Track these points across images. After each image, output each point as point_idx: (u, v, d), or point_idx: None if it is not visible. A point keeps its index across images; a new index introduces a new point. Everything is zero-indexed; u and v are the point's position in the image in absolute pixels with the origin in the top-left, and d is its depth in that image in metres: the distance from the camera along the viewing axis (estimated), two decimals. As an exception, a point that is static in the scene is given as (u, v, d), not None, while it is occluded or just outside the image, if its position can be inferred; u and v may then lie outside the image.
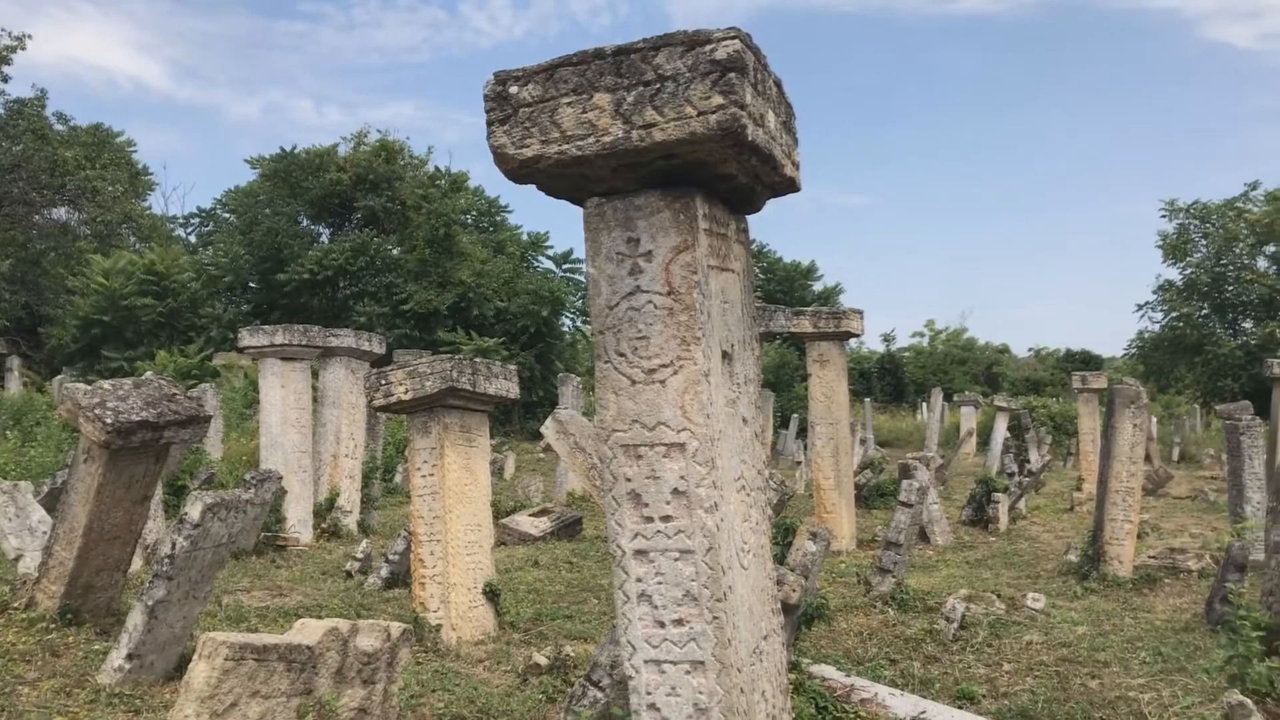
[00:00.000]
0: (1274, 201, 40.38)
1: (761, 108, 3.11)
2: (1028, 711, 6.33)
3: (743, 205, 3.60)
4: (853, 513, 12.75)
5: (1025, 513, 15.79)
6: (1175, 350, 40.27)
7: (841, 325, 12.48)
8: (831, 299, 48.33)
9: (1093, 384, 22.16)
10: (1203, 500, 18.72)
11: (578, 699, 4.81)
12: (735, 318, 3.46)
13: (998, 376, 51.21)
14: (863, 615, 8.68)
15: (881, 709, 6.32)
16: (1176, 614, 8.94)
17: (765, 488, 3.69)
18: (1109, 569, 10.36)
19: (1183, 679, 6.88)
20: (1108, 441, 10.73)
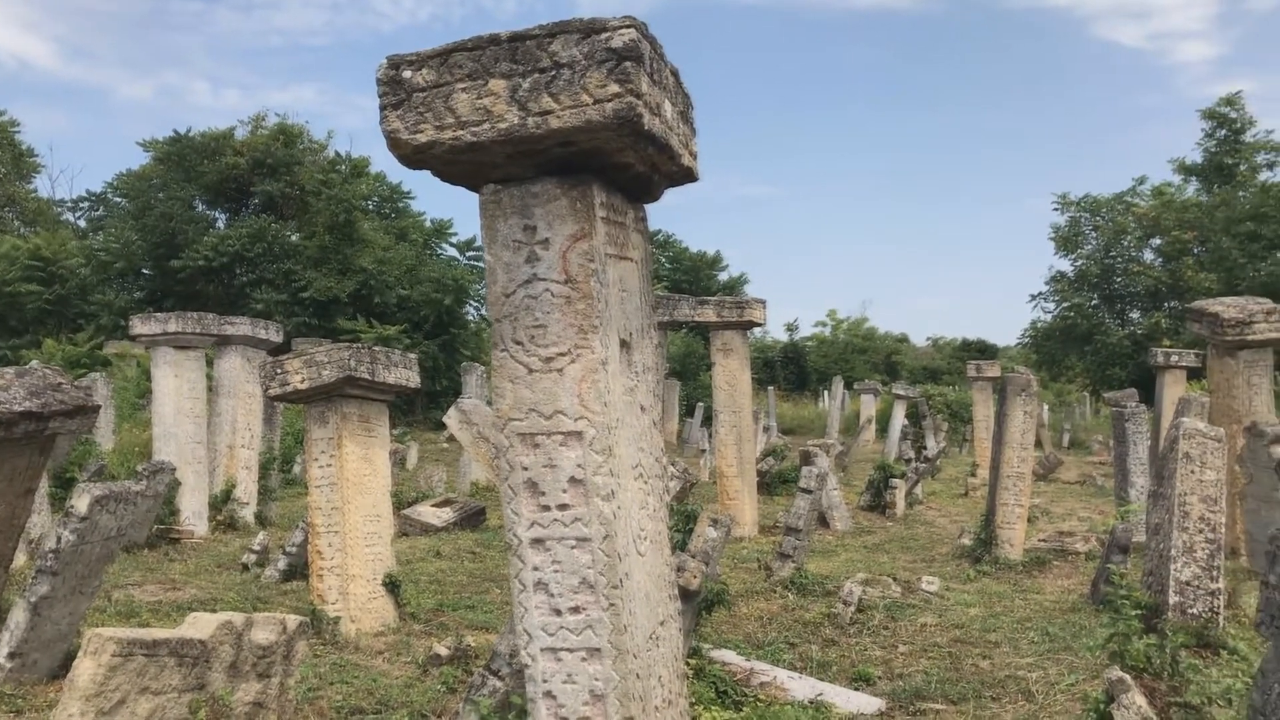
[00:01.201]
0: (1160, 196, 41.88)
1: (658, 97, 3.12)
2: (921, 692, 6.48)
3: (641, 194, 3.61)
4: (755, 499, 12.90)
5: (922, 498, 16.16)
6: (1066, 340, 41.53)
7: (745, 314, 12.60)
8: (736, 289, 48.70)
9: (987, 372, 22.78)
10: (1091, 485, 19.36)
11: (477, 688, 4.79)
12: (634, 306, 3.47)
13: (897, 365, 52.22)
14: (763, 600, 8.80)
15: (780, 691, 6.42)
16: (1064, 595, 9.23)
17: (664, 475, 3.71)
18: (1001, 552, 10.66)
19: (1069, 657, 7.13)
20: (1000, 428, 11.03)
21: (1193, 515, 7.57)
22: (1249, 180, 39.85)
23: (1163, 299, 38.63)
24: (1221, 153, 41.11)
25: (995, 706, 6.24)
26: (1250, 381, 10.98)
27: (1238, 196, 38.49)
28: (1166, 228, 38.86)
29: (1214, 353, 11.34)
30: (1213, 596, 7.42)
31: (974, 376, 23.36)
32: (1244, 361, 10.96)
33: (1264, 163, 40.79)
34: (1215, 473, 7.71)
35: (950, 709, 6.22)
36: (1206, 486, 7.66)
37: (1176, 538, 7.50)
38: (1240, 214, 37.06)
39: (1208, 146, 41.74)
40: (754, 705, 6.05)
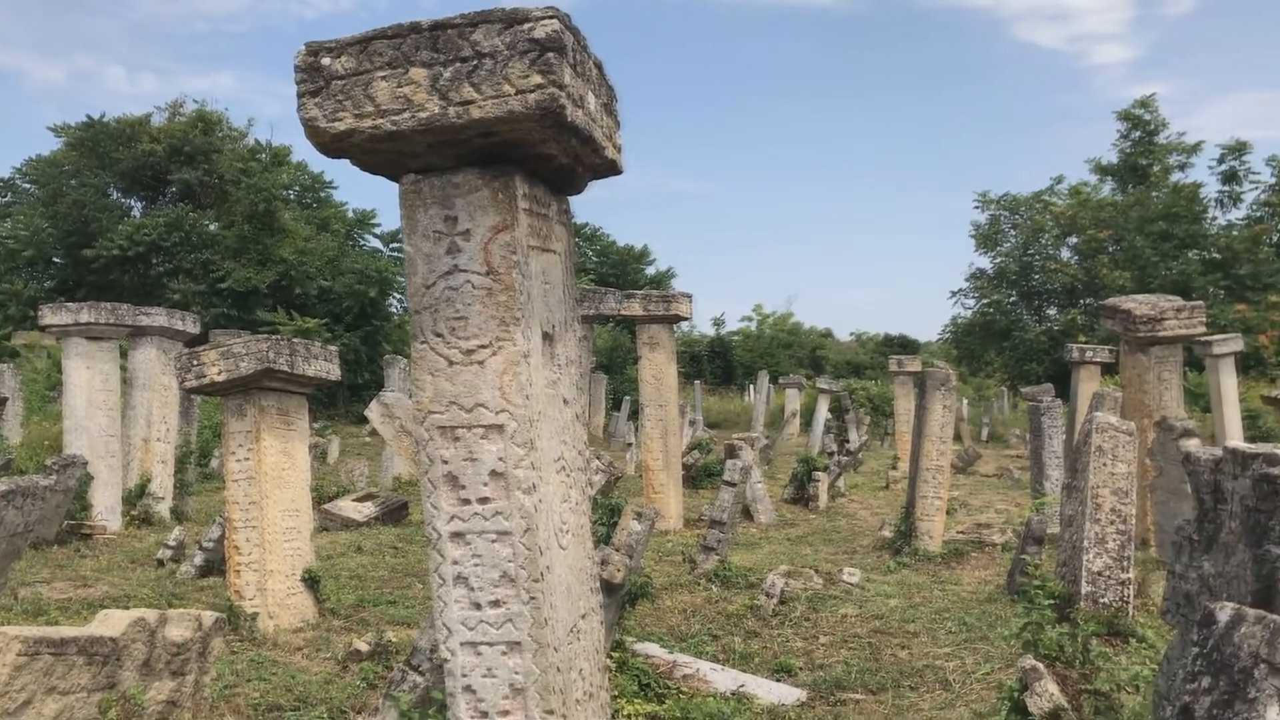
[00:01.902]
0: (1077, 195, 42.88)
1: (581, 89, 3.10)
2: (842, 682, 6.57)
3: (565, 186, 3.59)
4: (680, 493, 12.95)
5: (844, 490, 16.35)
6: (986, 335, 42.35)
7: (671, 309, 12.64)
8: (664, 283, 48.82)
9: (908, 367, 23.14)
10: (1008, 478, 19.76)
11: (397, 684, 4.74)
12: (557, 299, 3.45)
13: (822, 360, 52.78)
14: (687, 593, 8.84)
15: (703, 684, 6.45)
16: (981, 585, 9.41)
17: (586, 468, 3.70)
18: (920, 544, 10.83)
19: (985, 647, 7.27)
20: (920, 422, 11.21)
21: (1105, 507, 7.76)
22: (1162, 181, 40.96)
23: (1079, 296, 39.55)
24: (1136, 154, 42.21)
25: (913, 696, 6.35)
26: (1161, 377, 11.27)
27: (1151, 197, 39.55)
28: (1083, 226, 39.79)
29: (1126, 349, 11.62)
30: (1123, 586, 7.61)
31: (895, 371, 23.71)
32: (1155, 357, 11.24)
33: (1176, 164, 41.96)
34: (1126, 465, 7.91)
35: (870, 699, 6.31)
36: (1118, 479, 7.86)
37: (1089, 529, 7.68)
38: (1153, 214, 38.09)
39: (1123, 147, 42.85)
40: (676, 698, 6.08)
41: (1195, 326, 11.29)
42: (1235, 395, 18.38)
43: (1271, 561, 4.42)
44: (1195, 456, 5.13)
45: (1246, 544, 4.69)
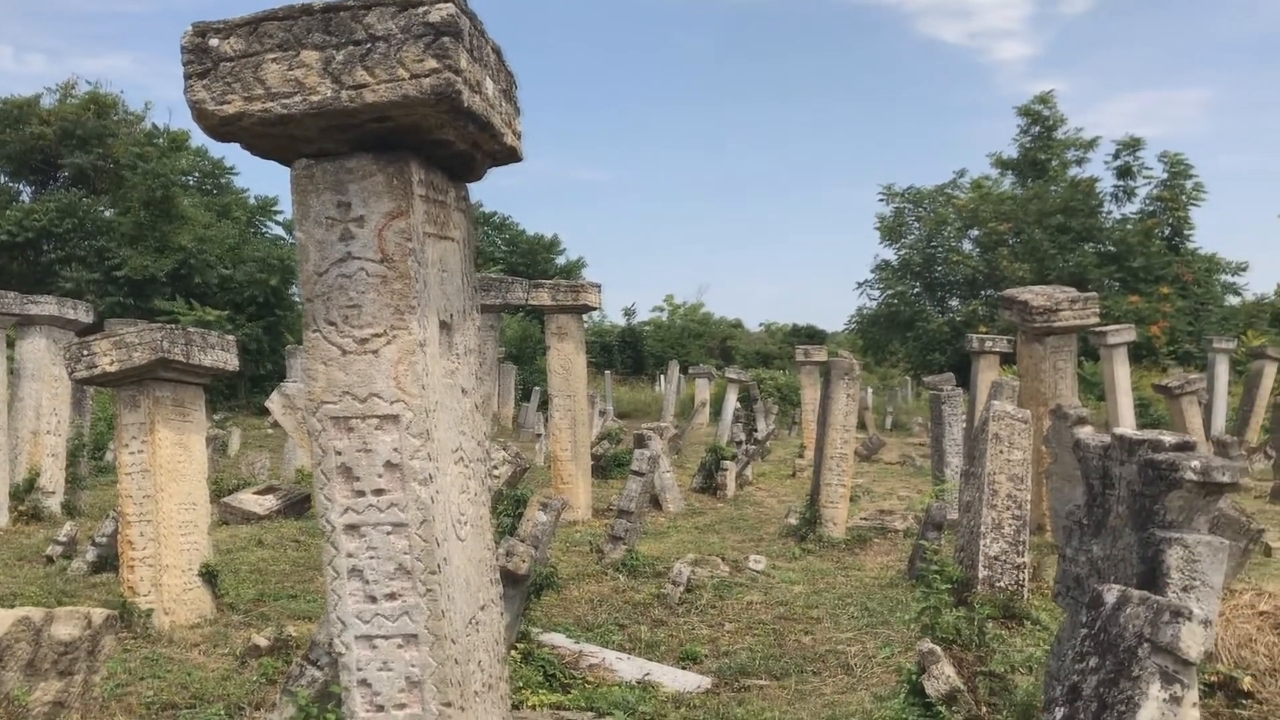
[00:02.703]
0: (978, 189, 43.85)
1: (479, 74, 3.06)
2: (746, 668, 6.64)
3: (463, 173, 3.54)
4: (589, 483, 12.94)
5: (752, 479, 16.51)
6: (891, 325, 43.12)
7: (579, 298, 12.60)
8: (574, 272, 48.66)
9: (814, 357, 23.44)
10: (911, 465, 20.15)
11: (295, 679, 4.65)
12: (455, 287, 3.41)
13: (732, 350, 53.17)
14: (595, 583, 8.84)
15: (609, 673, 6.47)
16: (884, 571, 9.59)
17: (486, 459, 3.67)
18: (825, 530, 10.99)
19: (886, 631, 7.40)
20: (824, 411, 11.36)
21: (1001, 493, 7.95)
22: (1060, 175, 42.11)
23: (980, 287, 40.45)
24: (1035, 149, 43.32)
25: (816, 680, 6.44)
26: (1056, 366, 11.58)
27: (1049, 191, 40.64)
28: (984, 219, 40.71)
29: (1024, 339, 11.92)
30: (1019, 570, 7.81)
31: (802, 361, 24.00)
32: (1050, 347, 11.55)
33: (1073, 159, 43.19)
34: (1022, 452, 8.11)
35: (773, 684, 6.39)
36: (1014, 466, 8.06)
37: (986, 515, 7.87)
38: (1051, 207, 39.15)
39: (1023, 142, 43.94)
40: (582, 687, 6.09)
41: (1089, 317, 11.63)
42: (1128, 384, 18.95)
43: (1156, 544, 4.57)
44: (1085, 443, 5.28)
45: (1133, 528, 4.84)
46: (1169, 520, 4.62)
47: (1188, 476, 4.51)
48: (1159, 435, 4.82)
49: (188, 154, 36.48)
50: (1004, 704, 5.02)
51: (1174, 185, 40.43)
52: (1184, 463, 4.51)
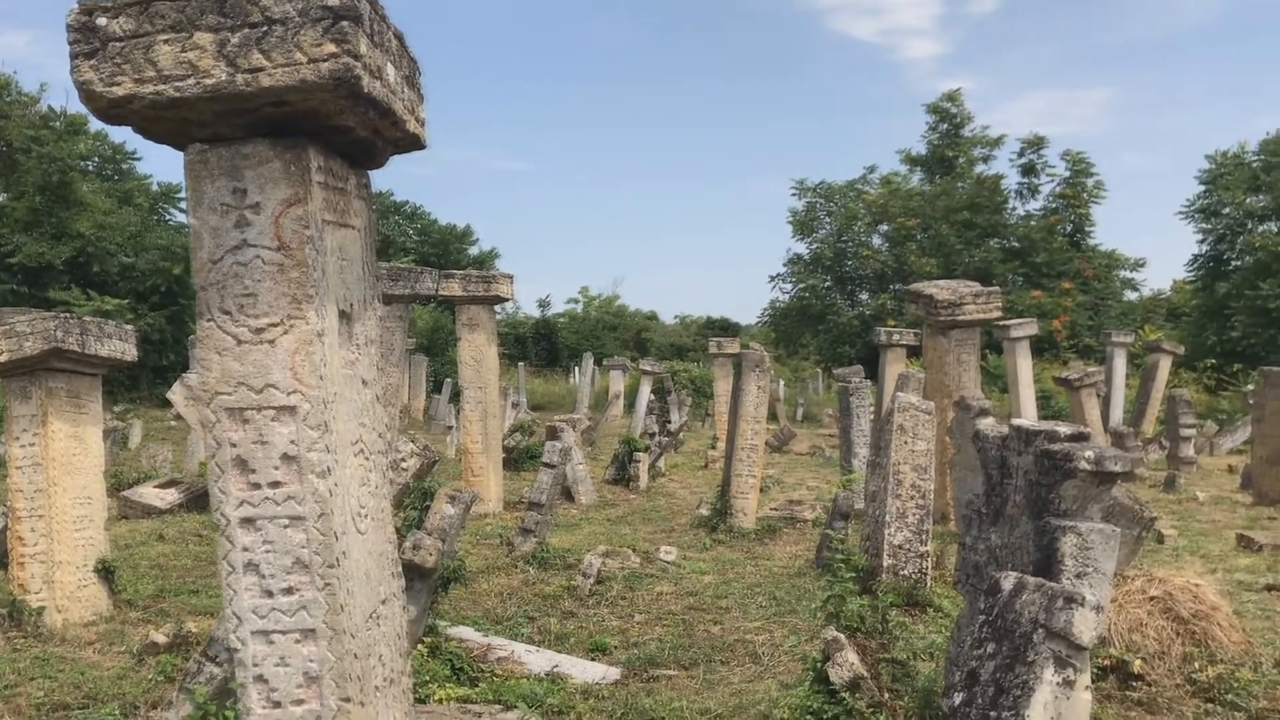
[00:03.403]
0: (888, 185, 44.57)
1: (380, 60, 3.01)
2: (655, 659, 6.66)
3: (364, 160, 3.49)
4: (500, 475, 12.87)
5: (665, 470, 16.57)
6: (802, 319, 43.64)
7: (491, 289, 12.50)
8: (487, 263, 48.30)
9: (727, 349, 23.62)
10: (820, 456, 20.41)
11: (193, 676, 4.55)
12: (355, 276, 3.35)
13: (647, 342, 53.33)
14: (505, 575, 8.80)
15: (518, 666, 6.44)
16: (792, 560, 9.69)
17: (388, 451, 3.62)
18: (735, 521, 11.08)
19: (794, 620, 7.49)
20: (735, 403, 11.44)
21: (905, 483, 8.10)
22: (966, 172, 42.98)
23: (889, 281, 41.14)
24: (943, 146, 44.15)
25: (724, 669, 6.49)
26: (960, 359, 11.83)
27: (956, 187, 41.46)
28: (893, 215, 41.40)
29: (929, 332, 12.14)
30: (922, 559, 7.97)
31: (715, 353, 24.18)
32: (955, 340, 11.79)
33: (980, 156, 44.10)
34: (926, 443, 8.27)
35: (682, 674, 6.42)
36: (918, 456, 8.21)
37: (891, 504, 8.01)
38: (958, 203, 39.95)
39: (931, 139, 44.75)
40: (490, 680, 6.05)
41: (992, 311, 11.90)
42: (1030, 377, 19.41)
43: (1051, 532, 4.69)
44: (984, 434, 5.40)
45: (1029, 516, 4.96)
46: (1064, 509, 4.75)
47: (1081, 466, 4.64)
48: (1055, 426, 4.95)
49: (87, 138, 35.33)
50: (906, 690, 5.10)
51: (1076, 183, 41.54)
52: (1078, 453, 4.64)
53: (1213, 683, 5.62)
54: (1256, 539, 10.47)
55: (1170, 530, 11.13)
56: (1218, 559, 10.01)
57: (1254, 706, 5.44)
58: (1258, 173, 34.99)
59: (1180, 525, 11.94)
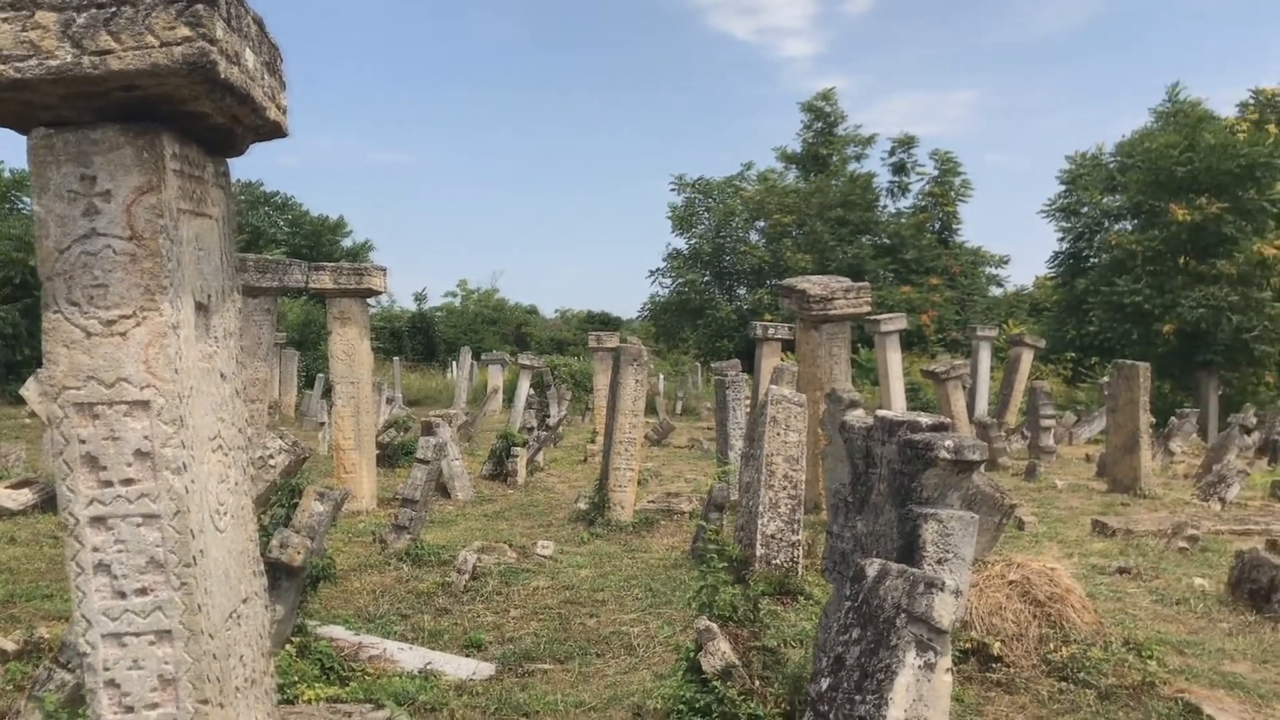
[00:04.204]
0: (765, 181, 45.22)
1: (237, 45, 2.93)
2: (531, 653, 6.65)
3: (223, 148, 3.39)
4: (374, 472, 12.66)
5: (544, 465, 16.53)
6: (682, 313, 43.98)
7: (363, 282, 12.28)
8: (361, 255, 47.41)
9: (607, 343, 23.67)
10: (699, 448, 20.61)
11: (42, 683, 4.36)
12: (213, 267, 3.26)
13: (527, 336, 53.07)
14: (378, 573, 8.67)
15: (390, 664, 6.36)
16: (669, 552, 9.77)
17: (248, 447, 3.53)
18: (613, 514, 11.12)
19: (669, 611, 7.56)
20: (614, 397, 11.48)
21: (778, 474, 8.24)
22: (840, 170, 43.90)
23: (766, 277, 41.73)
24: (818, 144, 45.00)
25: (600, 662, 6.52)
26: (831, 352, 12.08)
27: (830, 185, 42.29)
28: (769, 211, 42.01)
29: (802, 326, 12.37)
30: (793, 548, 8.12)
31: (595, 347, 24.20)
32: (826, 334, 12.03)
33: (853, 155, 45.08)
34: (798, 435, 8.42)
35: (558, 668, 6.42)
36: (790, 447, 8.36)
37: (764, 495, 8.14)
38: (832, 201, 40.77)
39: (806, 137, 45.57)
40: (361, 679, 5.95)
41: (862, 306, 12.18)
42: (900, 369, 19.95)
43: (913, 520, 4.83)
44: (849, 425, 5.53)
45: (893, 504, 5.10)
46: (925, 497, 4.89)
47: (942, 455, 4.79)
48: (917, 417, 5.10)
49: (-69, 123, 33.51)
50: (776, 677, 5.20)
51: (944, 182, 42.79)
52: (938, 442, 4.79)
53: (1066, 662, 5.87)
54: (1110, 524, 10.96)
55: (1031, 517, 11.57)
56: (1074, 544, 10.44)
57: (1104, 684, 5.70)
58: (1114, 174, 36.55)
59: (1040, 512, 12.42)
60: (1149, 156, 32.73)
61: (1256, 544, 8.82)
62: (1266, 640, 6.93)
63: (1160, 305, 30.97)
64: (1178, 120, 34.20)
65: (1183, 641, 6.84)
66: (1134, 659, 5.93)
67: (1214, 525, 11.05)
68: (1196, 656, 6.54)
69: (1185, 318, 30.37)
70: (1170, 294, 30.99)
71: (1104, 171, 37.49)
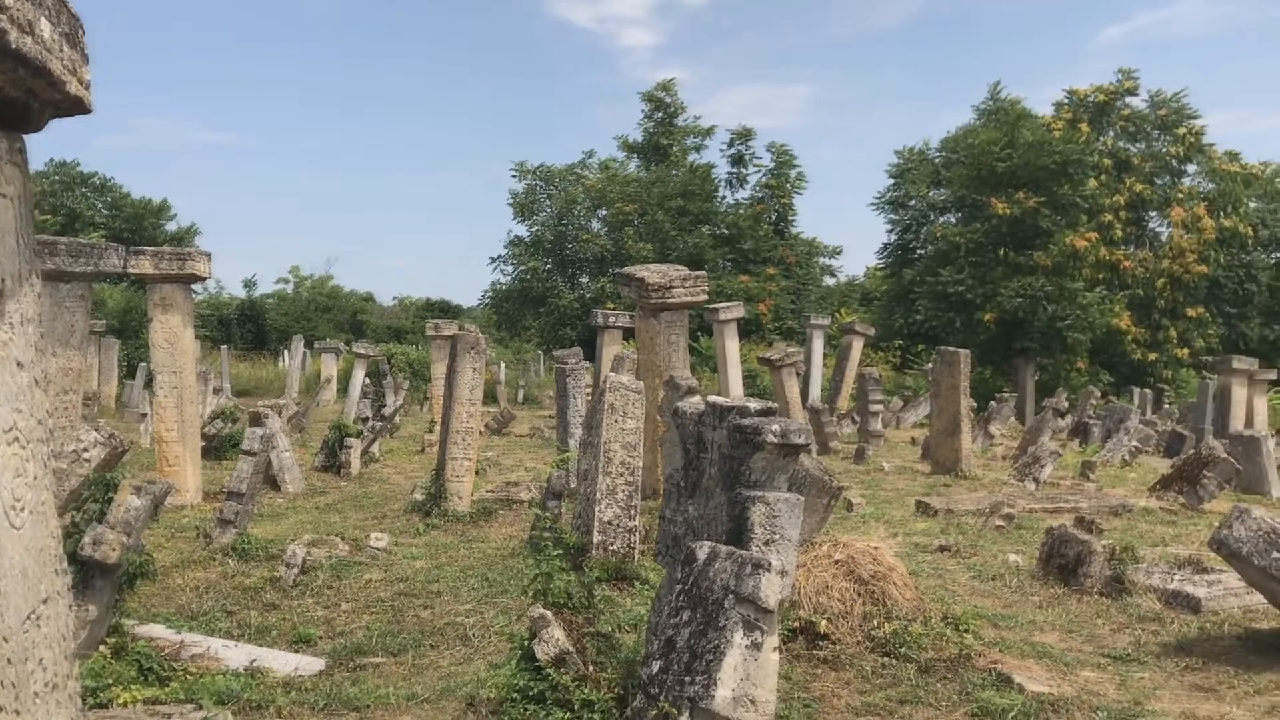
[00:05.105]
0: (606, 170, 45.41)
1: (30, 13, 2.75)
2: (362, 647, 6.52)
3: (18, 123, 3.17)
4: (199, 465, 12.19)
5: (379, 456, 16.22)
6: (524, 301, 43.82)
7: (186, 267, 11.79)
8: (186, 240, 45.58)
9: (444, 331, 23.36)
10: (540, 437, 20.58)
11: None
12: (7, 249, 3.06)
13: (363, 324, 51.95)
14: (202, 569, 8.36)
15: (214, 662, 6.14)
16: (507, 542, 9.72)
17: (49, 439, 3.33)
18: (450, 505, 10.99)
19: (505, 600, 7.52)
20: (450, 386, 11.34)
21: (615, 460, 8.29)
22: (680, 161, 44.45)
23: (608, 265, 41.97)
24: (658, 134, 45.45)
25: (434, 654, 6.44)
26: (670, 340, 12.22)
27: (671, 175, 42.78)
28: (611, 200, 42.23)
29: (641, 314, 12.47)
30: (630, 534, 8.19)
31: (433, 335, 23.87)
32: (665, 322, 12.16)
33: (692, 145, 45.73)
34: (636, 421, 8.49)
35: (391, 661, 6.32)
36: (627, 434, 8.42)
37: (601, 481, 8.18)
38: (672, 190, 41.26)
39: (647, 127, 45.96)
40: (182, 679, 5.73)
41: (700, 294, 12.36)
42: (738, 357, 20.34)
43: (742, 503, 4.93)
44: (682, 410, 5.60)
45: (723, 488, 5.19)
46: (754, 480, 5.00)
47: (769, 439, 4.90)
48: (746, 402, 5.20)
49: None
50: (610, 662, 5.23)
51: (780, 174, 43.84)
52: (766, 427, 4.90)
53: (889, 638, 6.09)
54: (932, 504, 11.43)
55: (859, 499, 11.96)
56: (899, 524, 10.85)
57: (923, 657, 5.94)
58: (939, 168, 38.13)
59: (868, 494, 12.86)
60: (971, 152, 34.25)
61: (1066, 521, 9.33)
62: (1073, 611, 7.35)
63: (982, 295, 32.46)
64: (998, 118, 35.87)
65: (997, 615, 7.19)
66: (951, 633, 6.20)
67: (1029, 504, 11.64)
68: (1010, 629, 6.88)
69: (1005, 307, 31.92)
70: (991, 284, 32.51)
71: (930, 166, 39.04)
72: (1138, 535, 10.11)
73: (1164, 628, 6.90)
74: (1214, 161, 38.47)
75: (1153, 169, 38.58)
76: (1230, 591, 7.34)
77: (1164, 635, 6.75)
